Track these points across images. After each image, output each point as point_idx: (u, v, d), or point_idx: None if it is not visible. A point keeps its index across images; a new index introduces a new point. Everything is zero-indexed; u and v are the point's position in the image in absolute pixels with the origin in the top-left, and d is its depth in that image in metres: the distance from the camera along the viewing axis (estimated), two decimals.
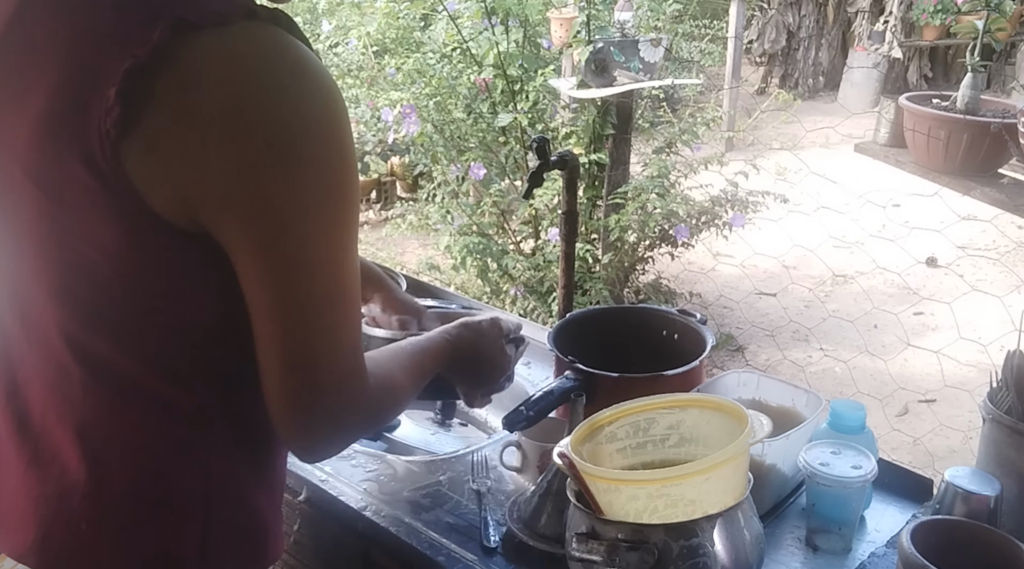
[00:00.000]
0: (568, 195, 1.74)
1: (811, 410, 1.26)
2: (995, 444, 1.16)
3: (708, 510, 0.96)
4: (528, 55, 3.97)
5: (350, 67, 4.74)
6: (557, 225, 3.19)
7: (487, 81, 3.88)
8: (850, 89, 8.18)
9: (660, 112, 4.48)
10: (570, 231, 1.78)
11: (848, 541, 1.17)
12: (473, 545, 1.18)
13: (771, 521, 1.21)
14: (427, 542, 1.19)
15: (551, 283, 3.81)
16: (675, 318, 1.49)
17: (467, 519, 1.24)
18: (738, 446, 0.98)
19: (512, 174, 4.07)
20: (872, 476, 1.14)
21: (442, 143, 4.04)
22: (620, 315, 1.63)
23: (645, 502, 0.96)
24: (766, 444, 1.14)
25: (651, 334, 1.50)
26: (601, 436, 1.09)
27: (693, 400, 1.13)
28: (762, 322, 4.38)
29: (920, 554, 0.98)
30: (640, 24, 4.17)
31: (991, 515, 1.10)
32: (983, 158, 2.69)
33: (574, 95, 3.71)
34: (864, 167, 3.54)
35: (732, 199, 3.88)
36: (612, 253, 3.83)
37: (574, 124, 3.88)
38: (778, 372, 3.89)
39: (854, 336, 4.06)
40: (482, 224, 3.98)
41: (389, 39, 4.57)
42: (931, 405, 3.63)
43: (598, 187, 3.88)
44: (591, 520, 0.99)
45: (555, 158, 1.65)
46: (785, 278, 4.58)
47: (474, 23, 3.97)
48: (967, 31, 4.09)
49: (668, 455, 1.10)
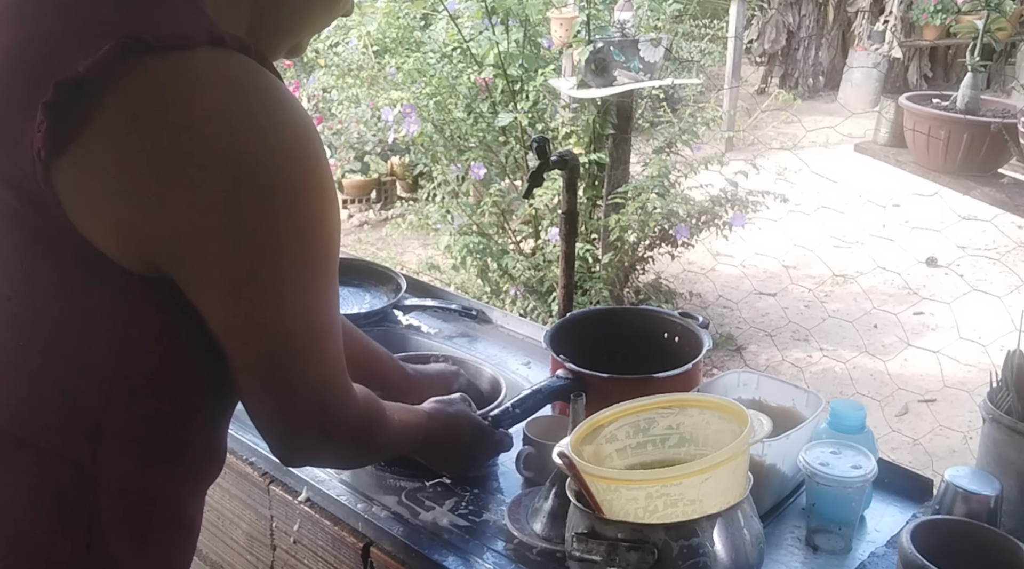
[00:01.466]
0: (568, 195, 1.74)
1: (811, 410, 1.26)
2: (995, 444, 1.16)
3: (708, 510, 0.96)
4: (528, 55, 3.97)
5: (350, 67, 4.73)
6: (557, 225, 3.19)
7: (487, 81, 3.88)
8: (850, 89, 8.18)
9: (660, 112, 4.48)
10: (570, 231, 1.78)
11: (848, 541, 1.17)
12: (474, 545, 1.18)
13: (771, 521, 1.21)
14: (427, 542, 1.19)
15: (551, 283, 3.81)
16: (675, 320, 1.49)
17: (468, 519, 1.24)
18: (738, 446, 0.98)
19: (512, 174, 4.07)
20: (872, 476, 1.14)
21: (442, 143, 4.04)
22: (620, 316, 1.63)
23: (645, 502, 0.96)
24: (766, 444, 1.14)
25: (651, 336, 1.50)
26: (601, 436, 1.09)
27: (693, 400, 1.13)
28: (762, 322, 4.38)
29: (920, 554, 0.98)
30: (640, 24, 4.17)
31: (991, 515, 1.10)
32: (983, 158, 2.70)
33: (574, 95, 3.71)
34: (864, 167, 3.55)
35: (732, 199, 3.88)
36: (612, 253, 3.83)
37: (574, 124, 3.87)
38: (778, 372, 3.89)
39: (854, 336, 4.06)
40: (482, 224, 3.98)
41: (389, 39, 4.57)
42: (931, 405, 3.63)
43: (598, 187, 3.88)
44: (591, 520, 0.99)
45: (555, 158, 1.65)
46: (785, 278, 4.58)
47: (474, 23, 3.97)
48: (967, 31, 4.09)
49: (668, 455, 1.10)
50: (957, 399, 3.50)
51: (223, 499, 1.48)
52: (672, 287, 4.30)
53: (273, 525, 1.38)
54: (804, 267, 4.83)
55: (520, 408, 1.27)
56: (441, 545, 1.18)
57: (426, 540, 1.19)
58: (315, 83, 5.21)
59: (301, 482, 1.32)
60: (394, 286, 1.89)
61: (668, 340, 1.48)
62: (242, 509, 1.44)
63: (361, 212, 5.85)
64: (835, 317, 4.22)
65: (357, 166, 5.67)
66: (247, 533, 1.45)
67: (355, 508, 1.25)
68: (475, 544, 1.19)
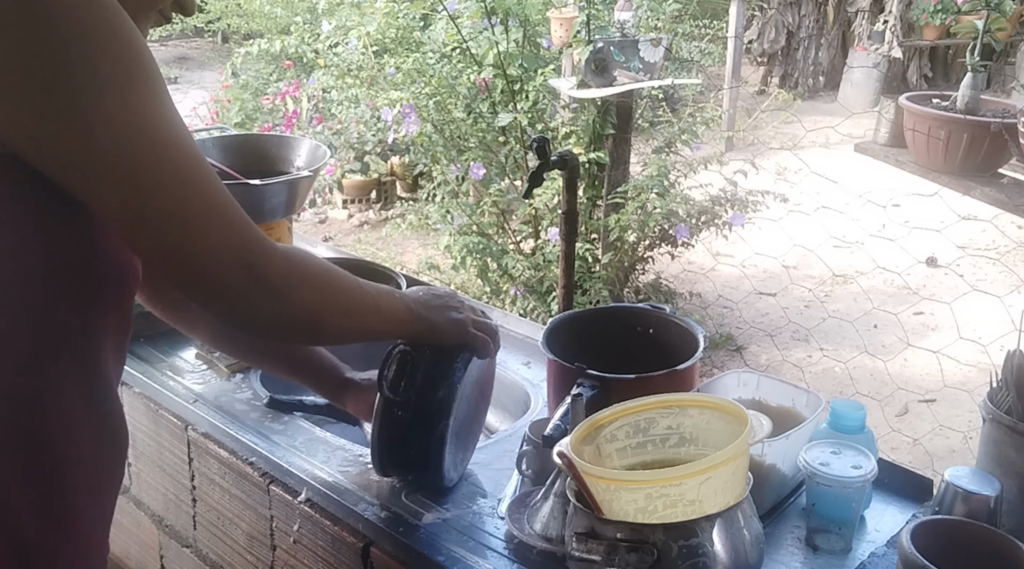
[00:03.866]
0: (568, 195, 1.74)
1: (811, 410, 1.25)
2: (995, 444, 1.16)
3: (708, 510, 0.96)
4: (528, 55, 3.97)
5: (350, 67, 4.73)
6: (557, 225, 3.19)
7: (487, 81, 3.88)
8: (850, 89, 8.19)
9: (660, 112, 4.49)
10: (570, 231, 1.78)
11: (848, 541, 1.17)
12: (473, 545, 1.18)
13: (771, 521, 1.21)
14: (427, 542, 1.19)
15: (551, 283, 3.81)
16: (675, 321, 1.48)
17: (467, 519, 1.24)
18: (738, 446, 0.98)
19: (512, 174, 4.07)
20: (872, 476, 1.14)
21: (442, 143, 4.04)
22: (620, 315, 1.62)
23: (644, 503, 0.96)
24: (765, 444, 1.14)
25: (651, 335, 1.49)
26: (601, 436, 1.09)
27: (693, 400, 1.13)
28: (762, 322, 4.38)
29: (920, 554, 0.98)
30: (640, 24, 4.16)
31: (991, 515, 1.10)
32: (983, 158, 2.70)
33: (574, 95, 3.71)
34: (864, 167, 3.55)
35: (732, 198, 3.88)
36: (612, 253, 3.83)
37: (574, 124, 3.88)
38: (778, 372, 3.89)
39: (854, 336, 4.06)
40: (482, 224, 3.98)
41: (389, 39, 4.57)
42: (931, 405, 3.63)
43: (598, 187, 3.88)
44: (591, 520, 0.99)
45: (555, 158, 1.65)
46: (785, 278, 4.58)
47: (474, 23, 3.97)
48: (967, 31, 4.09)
49: (668, 455, 1.10)
50: (957, 399, 3.50)
51: (223, 499, 1.48)
52: (672, 287, 4.30)
53: (273, 525, 1.38)
54: (804, 267, 4.83)
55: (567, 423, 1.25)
56: (441, 545, 1.18)
57: (426, 540, 1.19)
58: (315, 83, 5.22)
59: (301, 482, 1.32)
60: (394, 286, 1.89)
61: (668, 341, 1.47)
62: (242, 509, 1.44)
63: (361, 212, 5.85)
64: (835, 317, 4.22)
65: (357, 166, 5.67)
66: (247, 533, 1.45)
67: (355, 508, 1.25)
68: (475, 544, 1.19)
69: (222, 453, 1.44)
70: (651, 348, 1.42)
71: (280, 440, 1.42)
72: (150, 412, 1.60)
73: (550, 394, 1.35)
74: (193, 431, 1.51)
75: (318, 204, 5.87)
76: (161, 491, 1.65)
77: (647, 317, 1.47)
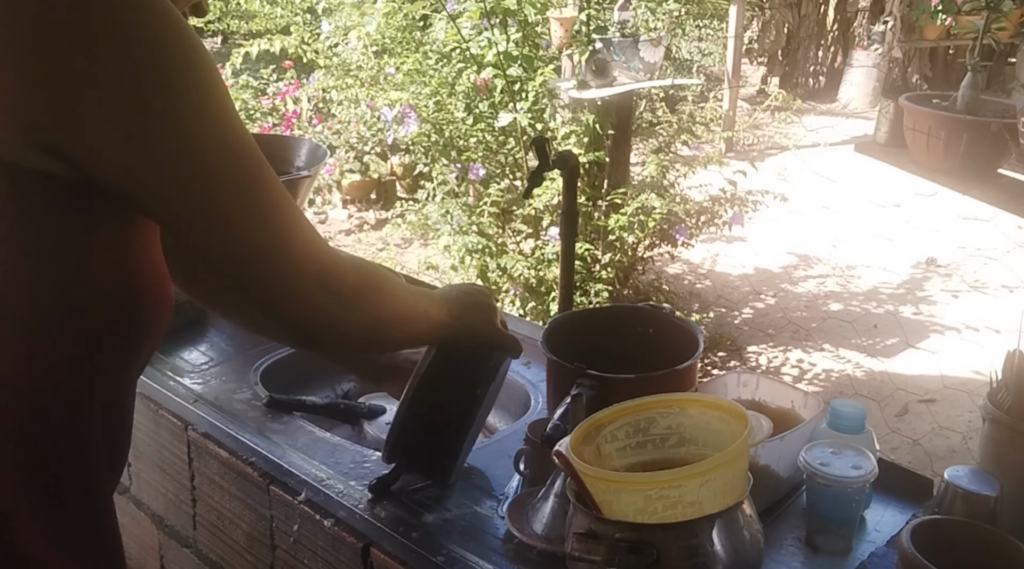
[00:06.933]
0: (568, 195, 1.74)
1: (810, 411, 1.25)
2: (995, 444, 1.16)
3: (707, 511, 0.96)
4: (528, 55, 3.97)
5: (350, 67, 4.73)
6: (557, 225, 3.19)
7: (487, 81, 3.88)
8: (850, 89, 8.19)
9: (660, 112, 4.49)
10: (570, 231, 1.78)
11: (848, 541, 1.17)
12: (473, 545, 1.18)
13: (770, 521, 1.21)
14: (427, 542, 1.19)
15: (551, 283, 3.80)
16: (675, 321, 1.48)
17: (467, 519, 1.24)
18: (739, 448, 0.98)
19: (512, 174, 4.07)
20: (872, 476, 1.14)
21: (442, 143, 4.04)
22: (620, 315, 1.62)
23: (644, 504, 0.96)
24: (760, 445, 1.14)
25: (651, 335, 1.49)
26: (601, 436, 1.09)
27: (693, 400, 1.13)
28: (762, 322, 4.38)
29: (920, 554, 0.98)
30: (640, 24, 4.16)
31: (991, 515, 1.10)
32: (983, 158, 2.69)
33: (574, 95, 3.71)
34: (864, 167, 3.55)
35: (731, 198, 3.88)
36: (612, 253, 3.83)
37: (574, 124, 3.87)
38: (778, 372, 3.89)
39: (854, 336, 4.06)
40: (482, 224, 3.98)
41: (389, 39, 4.57)
42: (931, 405, 3.63)
43: (598, 187, 3.88)
44: (591, 520, 0.99)
45: (555, 158, 1.65)
46: (785, 278, 4.59)
47: (474, 23, 3.97)
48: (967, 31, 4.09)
49: (668, 455, 1.10)
50: (957, 399, 3.50)
51: (223, 499, 1.48)
52: (672, 287, 4.30)
53: (273, 525, 1.38)
54: (804, 267, 4.83)
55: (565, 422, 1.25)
56: (441, 545, 1.18)
57: (426, 540, 1.19)
58: (315, 83, 5.21)
59: (301, 482, 1.32)
60: None
61: (669, 341, 1.47)
62: (242, 509, 1.44)
63: (361, 212, 5.85)
64: (835, 317, 4.22)
65: (357, 166, 5.67)
66: (247, 533, 1.45)
67: (355, 508, 1.25)
68: (475, 544, 1.18)
69: (222, 453, 1.44)
70: (651, 348, 1.42)
71: (280, 440, 1.42)
72: (150, 412, 1.60)
73: (550, 394, 1.35)
74: (193, 431, 1.51)
75: (318, 204, 5.87)
76: (161, 491, 1.65)
77: (647, 317, 1.47)
